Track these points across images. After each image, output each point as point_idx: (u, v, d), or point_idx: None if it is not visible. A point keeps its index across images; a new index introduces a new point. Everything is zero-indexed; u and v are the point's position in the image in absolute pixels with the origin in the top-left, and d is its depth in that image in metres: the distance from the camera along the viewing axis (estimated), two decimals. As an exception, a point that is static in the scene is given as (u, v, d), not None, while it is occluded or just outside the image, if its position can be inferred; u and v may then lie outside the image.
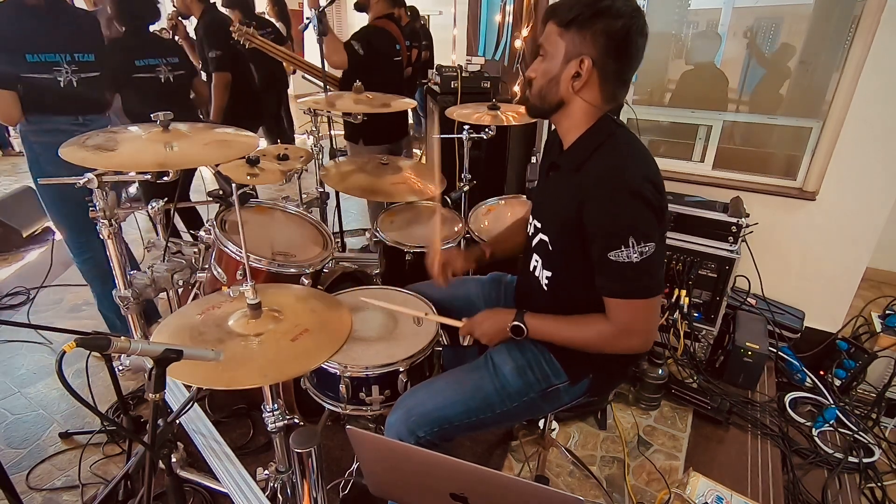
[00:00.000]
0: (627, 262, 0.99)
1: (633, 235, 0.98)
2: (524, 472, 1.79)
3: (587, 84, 1.06)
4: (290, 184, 2.15)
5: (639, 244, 0.99)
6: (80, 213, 2.05)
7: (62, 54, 1.92)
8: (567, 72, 1.05)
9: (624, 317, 1.05)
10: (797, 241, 2.35)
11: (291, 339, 1.05)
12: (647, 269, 1.01)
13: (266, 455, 1.78)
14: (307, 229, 1.86)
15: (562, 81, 1.07)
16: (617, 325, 1.06)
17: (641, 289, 1.03)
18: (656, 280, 1.04)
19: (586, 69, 1.04)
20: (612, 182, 1.01)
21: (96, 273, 2.17)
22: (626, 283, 1.02)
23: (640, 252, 0.99)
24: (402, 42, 2.75)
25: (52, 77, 1.90)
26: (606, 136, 1.08)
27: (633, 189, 0.99)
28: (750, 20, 2.59)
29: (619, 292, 1.04)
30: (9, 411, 2.06)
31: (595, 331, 1.10)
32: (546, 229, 1.18)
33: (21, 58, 1.84)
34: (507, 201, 2.33)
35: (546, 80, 1.09)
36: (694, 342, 2.26)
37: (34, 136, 1.93)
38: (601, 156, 1.06)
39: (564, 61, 1.05)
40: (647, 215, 1.01)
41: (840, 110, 2.13)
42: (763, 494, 1.71)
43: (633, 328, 1.06)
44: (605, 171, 1.04)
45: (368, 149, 2.70)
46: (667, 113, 2.72)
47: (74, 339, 0.71)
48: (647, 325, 1.07)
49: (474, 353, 1.50)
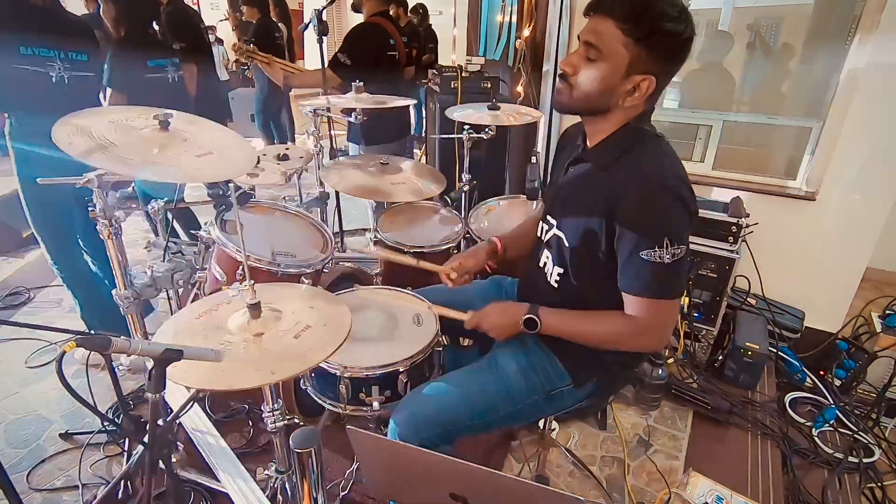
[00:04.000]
0: (659, 263, 0.99)
1: (669, 237, 0.98)
2: (524, 472, 1.79)
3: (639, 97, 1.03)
4: (290, 184, 2.15)
5: (672, 245, 0.98)
6: (63, 221, 2.06)
7: (56, 50, 1.92)
8: (626, 86, 1.01)
9: (646, 315, 1.05)
10: (797, 241, 2.35)
11: (294, 337, 1.05)
12: (676, 271, 1.01)
13: (266, 455, 1.78)
14: (307, 229, 1.86)
15: (617, 93, 1.02)
16: (637, 322, 1.06)
17: (667, 289, 1.03)
18: (682, 282, 1.04)
19: (646, 88, 1.00)
20: (651, 182, 1.00)
21: (80, 280, 2.18)
22: (654, 283, 1.02)
23: (672, 254, 0.99)
24: (398, 37, 2.73)
25: (45, 72, 1.89)
26: (639, 137, 1.07)
27: (671, 190, 0.99)
28: (750, 20, 2.59)
29: (644, 291, 1.03)
30: (9, 411, 2.05)
31: (612, 327, 1.10)
32: (563, 225, 1.16)
33: (14, 49, 1.83)
34: (507, 201, 2.33)
35: (600, 89, 1.02)
36: (694, 342, 2.26)
37: (24, 137, 1.92)
38: (635, 156, 1.05)
39: (626, 74, 0.99)
40: (684, 218, 1.00)
41: (840, 110, 2.13)
42: (763, 494, 1.71)
43: (653, 327, 1.06)
44: (642, 171, 1.03)
45: (371, 149, 2.70)
46: (667, 113, 2.72)
47: (74, 339, 0.71)
48: (666, 325, 1.08)
49: (475, 354, 1.50)
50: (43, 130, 1.94)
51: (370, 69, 2.50)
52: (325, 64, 2.41)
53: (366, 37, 2.60)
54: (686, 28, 0.96)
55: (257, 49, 2.59)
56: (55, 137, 1.09)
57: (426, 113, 3.65)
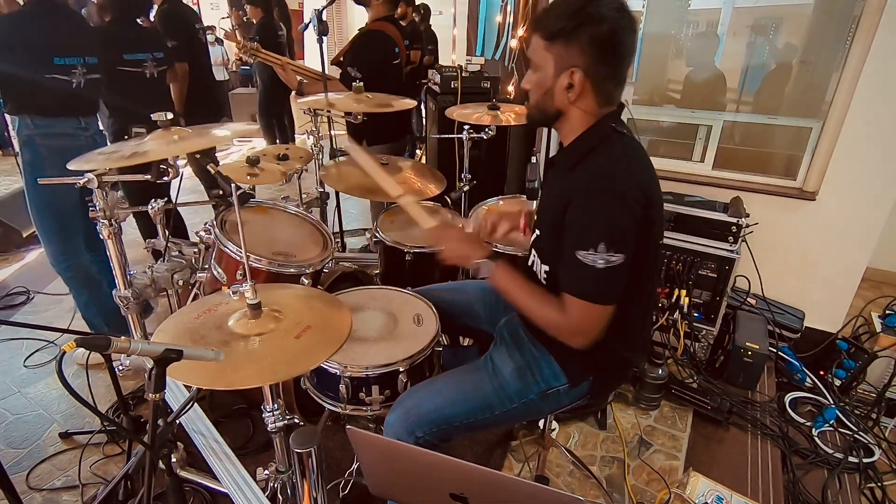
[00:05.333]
0: (591, 266, 0.99)
1: (605, 241, 0.98)
2: (524, 472, 1.79)
3: (582, 93, 1.05)
4: (290, 184, 2.15)
5: (608, 251, 0.98)
6: (67, 220, 2.06)
7: (78, 57, 1.96)
8: (559, 84, 1.05)
9: (574, 314, 1.05)
10: (797, 241, 2.34)
11: (295, 337, 1.05)
12: (608, 279, 1.00)
13: (266, 455, 1.78)
14: (307, 229, 1.86)
15: (556, 93, 1.07)
16: (566, 318, 1.06)
17: (595, 294, 1.03)
18: (613, 291, 1.03)
19: (578, 80, 1.03)
20: (598, 183, 1.02)
21: (82, 280, 2.17)
22: (584, 285, 1.02)
23: (606, 260, 0.98)
24: (401, 43, 2.74)
25: (69, 79, 1.93)
26: (602, 139, 1.08)
27: (617, 193, 0.99)
28: (750, 20, 2.59)
29: (575, 291, 1.04)
30: (9, 411, 2.06)
31: (546, 312, 1.10)
32: (540, 224, 1.21)
33: (49, 60, 1.87)
34: (507, 201, 2.33)
35: (541, 92, 1.09)
36: (694, 342, 2.26)
37: (41, 140, 1.93)
38: (594, 157, 1.06)
39: (555, 74, 1.05)
40: (625, 224, 0.99)
41: (840, 110, 2.13)
42: (763, 494, 1.71)
43: (578, 327, 1.07)
44: (594, 171, 1.04)
45: (372, 149, 2.70)
46: (667, 113, 2.72)
47: (74, 339, 0.71)
48: (592, 328, 1.06)
49: (474, 353, 1.50)
50: (56, 132, 1.96)
51: (376, 78, 2.51)
52: (325, 64, 2.40)
53: (373, 47, 2.60)
54: (594, 18, 0.98)
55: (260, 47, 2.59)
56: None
57: (426, 113, 3.65)
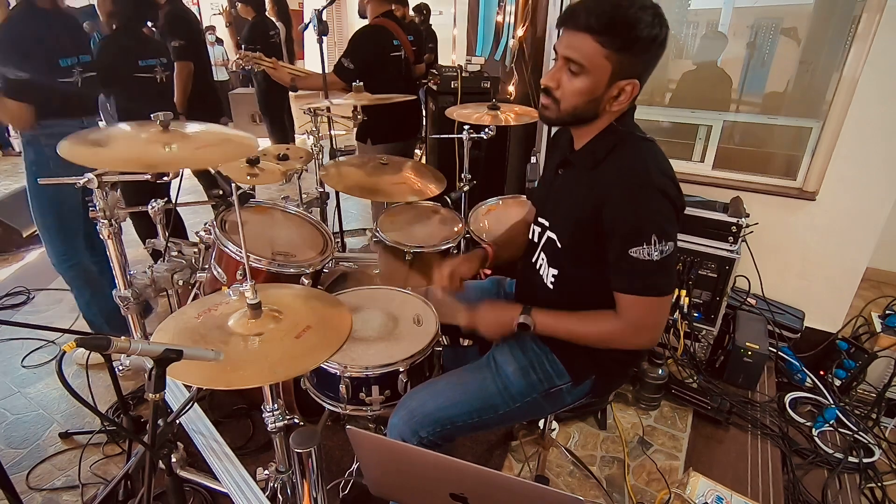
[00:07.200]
0: (648, 260, 0.99)
1: (656, 233, 0.98)
2: (524, 472, 1.79)
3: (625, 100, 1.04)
4: (290, 184, 2.15)
5: (660, 242, 0.99)
6: (69, 220, 2.06)
7: (75, 56, 1.96)
8: (611, 93, 1.02)
9: (637, 314, 1.05)
10: (797, 241, 2.34)
11: (295, 337, 1.05)
12: (666, 268, 1.01)
13: (266, 455, 1.78)
14: (307, 229, 1.86)
15: (603, 101, 1.04)
16: (628, 321, 1.06)
17: (658, 287, 1.03)
18: (671, 279, 1.04)
19: (631, 90, 1.02)
20: (636, 179, 1.01)
21: (84, 279, 2.17)
22: (644, 281, 1.02)
23: (660, 251, 0.99)
24: (403, 36, 2.73)
25: (73, 80, 1.94)
26: (623, 136, 1.07)
27: (657, 186, 1.00)
28: (750, 20, 2.59)
29: (635, 289, 1.03)
30: (9, 411, 2.06)
31: (604, 326, 1.10)
32: (555, 227, 1.17)
33: (56, 63, 1.88)
34: (507, 201, 2.33)
35: (585, 100, 1.03)
36: (694, 342, 2.26)
37: (46, 140, 1.93)
38: (620, 154, 1.06)
39: (609, 83, 1.00)
40: (670, 213, 1.01)
41: (840, 110, 2.13)
42: (763, 494, 1.71)
43: (644, 325, 1.06)
44: (628, 168, 1.03)
45: (376, 148, 2.69)
46: (667, 113, 2.72)
47: (74, 339, 0.71)
48: (658, 323, 1.08)
49: (475, 353, 1.50)
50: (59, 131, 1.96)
51: (374, 72, 2.50)
52: (325, 63, 2.40)
53: (368, 39, 2.60)
54: (662, 29, 0.97)
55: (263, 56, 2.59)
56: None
57: (426, 113, 3.65)
